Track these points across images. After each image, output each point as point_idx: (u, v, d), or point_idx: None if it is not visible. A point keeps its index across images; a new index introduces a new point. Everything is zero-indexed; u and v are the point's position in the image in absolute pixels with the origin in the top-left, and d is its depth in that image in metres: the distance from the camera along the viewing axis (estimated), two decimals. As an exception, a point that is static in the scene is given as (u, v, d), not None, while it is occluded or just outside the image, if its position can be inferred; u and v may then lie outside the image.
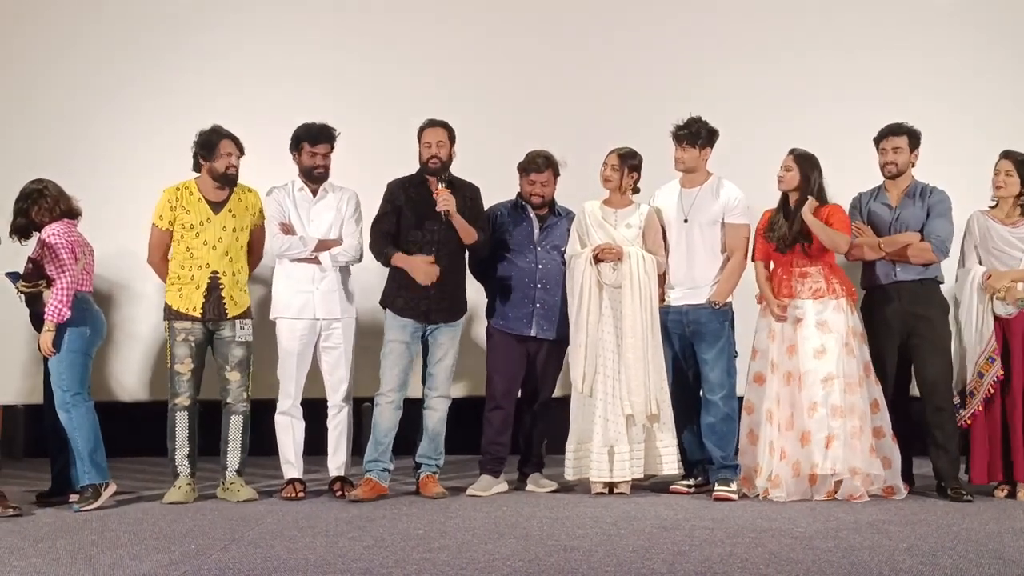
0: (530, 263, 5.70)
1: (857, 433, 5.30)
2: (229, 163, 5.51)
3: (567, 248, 5.64)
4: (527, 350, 5.72)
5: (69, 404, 5.22)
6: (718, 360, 5.48)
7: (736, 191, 5.57)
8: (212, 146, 5.49)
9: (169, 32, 6.80)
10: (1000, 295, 5.41)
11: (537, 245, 5.72)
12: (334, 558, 4.09)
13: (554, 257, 5.71)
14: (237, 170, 5.55)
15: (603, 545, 4.29)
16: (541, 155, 5.70)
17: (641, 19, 6.84)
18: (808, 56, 6.74)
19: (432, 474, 5.61)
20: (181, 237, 5.51)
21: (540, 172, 5.69)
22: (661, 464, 5.51)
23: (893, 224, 5.59)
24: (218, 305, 5.48)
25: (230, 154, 5.51)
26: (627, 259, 5.44)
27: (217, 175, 5.50)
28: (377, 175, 5.75)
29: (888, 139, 5.62)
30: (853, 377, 5.36)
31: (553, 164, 5.71)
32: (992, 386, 5.41)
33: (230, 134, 5.54)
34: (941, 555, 4.10)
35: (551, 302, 5.67)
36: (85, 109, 6.72)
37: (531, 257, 5.70)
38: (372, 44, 6.82)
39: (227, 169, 5.51)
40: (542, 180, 5.70)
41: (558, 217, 5.79)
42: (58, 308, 5.12)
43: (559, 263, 5.69)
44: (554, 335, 5.68)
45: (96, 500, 5.19)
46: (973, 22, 6.76)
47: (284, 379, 5.63)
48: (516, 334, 5.68)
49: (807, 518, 4.85)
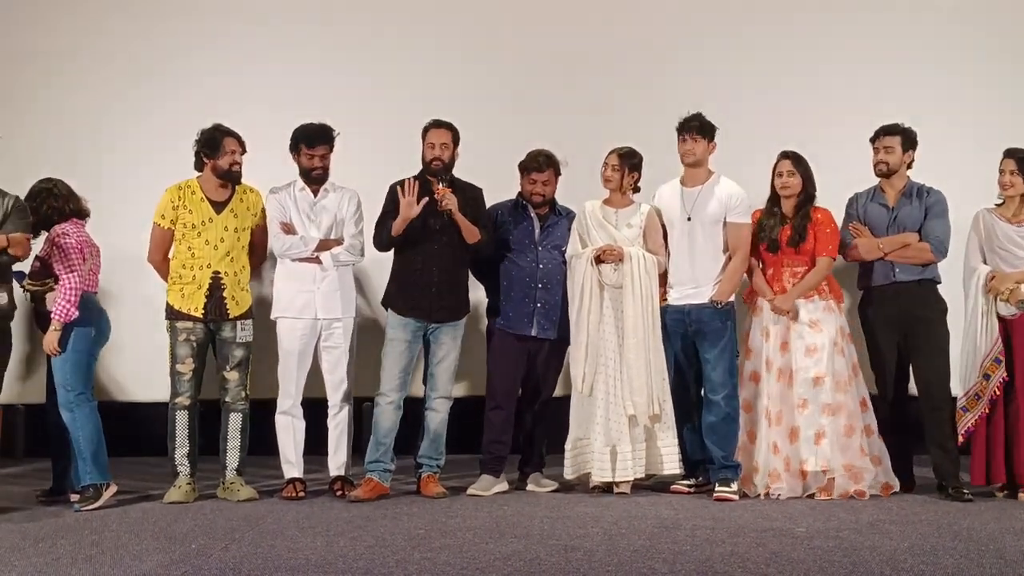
0: (531, 263, 5.70)
1: (849, 431, 5.33)
2: (233, 160, 5.51)
3: (568, 248, 5.64)
4: (528, 350, 5.71)
5: (73, 404, 5.23)
6: (720, 359, 5.48)
7: (738, 190, 5.57)
8: (216, 144, 5.49)
9: (175, 34, 6.81)
10: (1004, 297, 5.41)
11: (538, 245, 5.72)
12: (335, 558, 4.09)
13: (555, 257, 5.71)
14: (241, 167, 5.55)
15: (604, 545, 4.29)
16: (542, 154, 5.70)
17: (642, 20, 6.83)
18: (806, 57, 6.74)
19: (433, 474, 5.61)
20: (183, 236, 5.51)
21: (541, 171, 5.69)
22: (662, 464, 5.51)
23: (891, 224, 5.59)
24: (220, 305, 5.48)
25: (234, 151, 5.51)
26: (628, 260, 5.44)
27: (222, 172, 5.51)
28: (377, 177, 5.75)
29: (881, 138, 5.63)
30: (843, 376, 5.41)
31: (554, 163, 5.71)
32: (997, 387, 5.41)
33: (233, 131, 5.54)
34: (942, 555, 4.10)
35: (552, 301, 5.67)
36: (94, 109, 6.73)
37: (532, 257, 5.70)
38: (372, 46, 6.81)
39: (231, 166, 5.51)
40: (543, 179, 5.70)
41: (559, 217, 5.79)
42: (66, 308, 5.13)
43: (560, 263, 5.69)
44: (555, 335, 5.68)
45: (97, 500, 5.19)
46: (972, 22, 6.76)
47: (284, 379, 5.62)
48: (517, 333, 5.68)
49: (808, 518, 4.85)
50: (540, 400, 5.79)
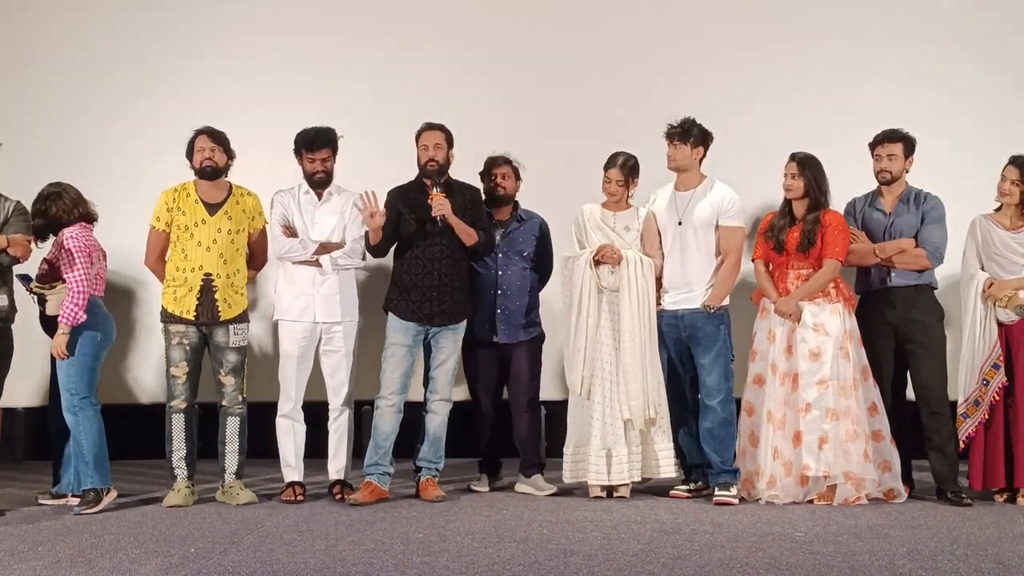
0: (490, 269, 5.74)
1: (852, 437, 5.30)
2: (203, 157, 5.50)
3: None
4: (500, 355, 5.75)
5: (77, 408, 5.24)
6: (715, 364, 5.47)
7: (730, 193, 5.57)
8: (190, 145, 5.53)
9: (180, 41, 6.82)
10: (1003, 304, 5.41)
11: (497, 251, 5.74)
12: (334, 562, 4.09)
13: (515, 262, 5.74)
14: (215, 164, 5.51)
15: (603, 549, 4.29)
16: (499, 155, 5.83)
17: (637, 22, 6.82)
18: (806, 59, 6.73)
19: (432, 477, 5.61)
20: (177, 239, 5.51)
21: (499, 166, 5.79)
22: (658, 468, 5.52)
23: (888, 230, 5.60)
24: (211, 308, 5.46)
25: (202, 148, 5.50)
26: (625, 262, 5.45)
27: (197, 171, 5.52)
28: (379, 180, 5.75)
29: (883, 145, 5.62)
30: (848, 380, 5.36)
31: (510, 161, 5.81)
32: (996, 393, 5.41)
33: (206, 129, 5.54)
34: (941, 559, 4.10)
35: (511, 307, 5.71)
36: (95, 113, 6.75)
37: (491, 263, 5.74)
38: (374, 49, 6.80)
39: (202, 163, 5.50)
40: (502, 172, 5.79)
41: (520, 223, 5.83)
42: (74, 312, 5.14)
43: (520, 268, 5.73)
44: (520, 338, 5.69)
45: (97, 504, 5.19)
46: (974, 24, 6.75)
47: (284, 382, 5.62)
48: (484, 340, 5.71)
49: (807, 522, 4.85)
50: (527, 401, 5.80)
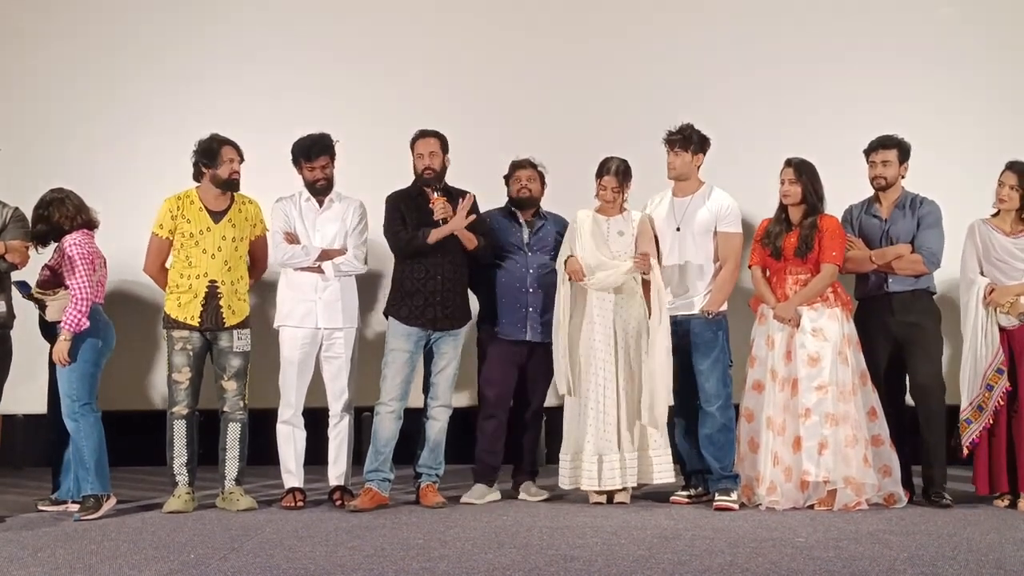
0: (521, 268, 5.73)
1: (851, 442, 5.30)
2: (232, 169, 5.53)
3: (559, 255, 5.65)
4: (519, 358, 5.73)
5: (78, 414, 5.24)
6: (713, 370, 5.47)
7: (728, 199, 5.57)
8: (214, 153, 5.50)
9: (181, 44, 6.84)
10: (1004, 309, 5.41)
11: (527, 250, 5.75)
12: (334, 568, 4.08)
13: (544, 261, 5.74)
14: (239, 176, 5.56)
15: (603, 555, 4.28)
16: (524, 159, 5.82)
17: (636, 30, 6.83)
18: (804, 65, 6.74)
19: (432, 483, 5.61)
20: (181, 246, 5.52)
21: (524, 168, 5.78)
22: (654, 473, 5.51)
23: (884, 236, 5.60)
24: (216, 314, 5.48)
25: (232, 160, 5.53)
26: (654, 269, 5.44)
27: (220, 181, 5.51)
28: (380, 186, 5.76)
29: (878, 152, 5.63)
30: (847, 385, 5.36)
31: (535, 165, 5.81)
32: (1000, 397, 5.41)
33: (230, 140, 5.56)
34: (942, 565, 4.10)
35: (540, 305, 5.70)
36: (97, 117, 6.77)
37: (522, 262, 5.74)
38: (373, 51, 6.83)
39: (231, 175, 5.53)
40: (527, 175, 5.78)
41: (544, 220, 5.84)
42: (76, 318, 5.15)
43: (548, 266, 5.71)
44: (548, 337, 5.69)
45: (97, 511, 5.19)
46: (971, 32, 6.76)
47: (285, 388, 5.63)
48: (510, 339, 5.69)
49: (808, 528, 4.84)
50: (531, 409, 5.81)
